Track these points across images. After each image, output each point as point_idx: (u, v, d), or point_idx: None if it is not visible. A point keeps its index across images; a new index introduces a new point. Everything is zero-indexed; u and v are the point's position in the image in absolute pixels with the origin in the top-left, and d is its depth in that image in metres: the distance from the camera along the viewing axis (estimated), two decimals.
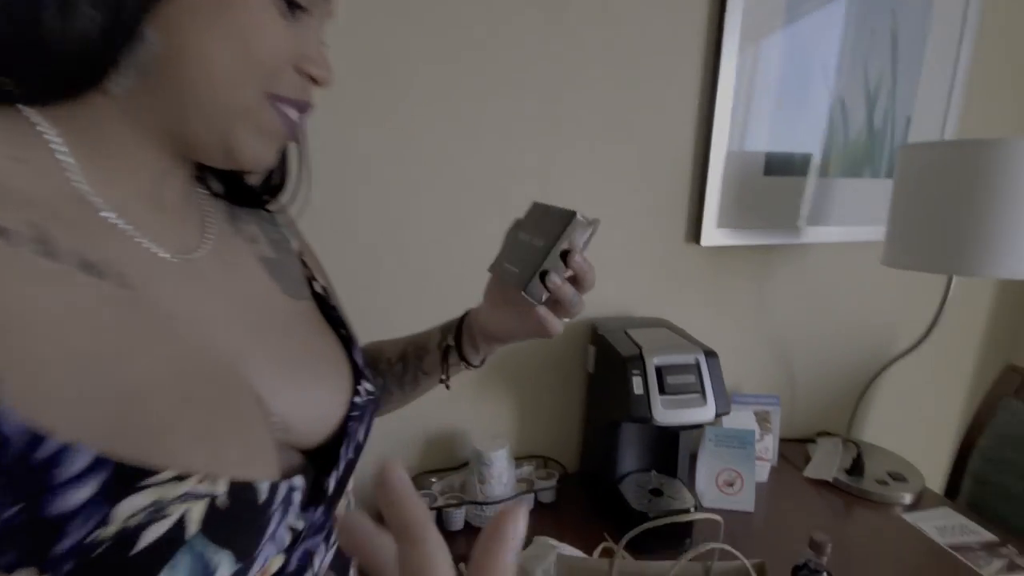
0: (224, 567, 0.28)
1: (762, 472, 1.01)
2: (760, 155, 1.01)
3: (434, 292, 0.91)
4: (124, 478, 0.26)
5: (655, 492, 0.87)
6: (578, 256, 0.42)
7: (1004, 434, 1.02)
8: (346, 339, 0.46)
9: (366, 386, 0.44)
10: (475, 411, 0.98)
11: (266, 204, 0.46)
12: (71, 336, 0.26)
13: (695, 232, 1.01)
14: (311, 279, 0.48)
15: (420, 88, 0.83)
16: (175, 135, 0.33)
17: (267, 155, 0.36)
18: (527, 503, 0.89)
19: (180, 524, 0.27)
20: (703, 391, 0.79)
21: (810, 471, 1.05)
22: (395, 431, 0.94)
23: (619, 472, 0.90)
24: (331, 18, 0.37)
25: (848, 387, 1.23)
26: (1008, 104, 1.20)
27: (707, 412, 0.78)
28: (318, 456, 0.39)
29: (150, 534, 0.26)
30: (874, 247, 1.14)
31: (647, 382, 0.78)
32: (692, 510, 0.83)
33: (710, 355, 0.82)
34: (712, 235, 1.00)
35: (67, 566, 0.24)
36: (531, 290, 0.41)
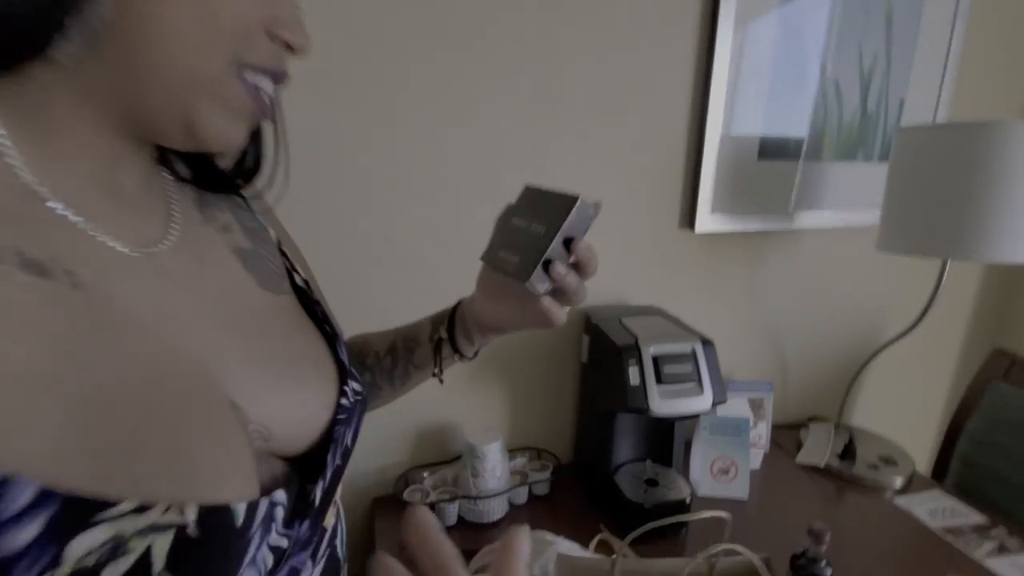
0: None
1: (756, 459, 1.01)
2: (754, 139, 0.99)
3: (423, 281, 0.88)
4: (75, 513, 0.22)
5: (650, 482, 0.86)
6: (582, 243, 0.40)
7: (992, 417, 1.02)
8: (330, 336, 0.43)
9: (353, 386, 0.41)
10: (467, 403, 0.96)
11: (240, 189, 0.41)
12: (7, 347, 0.23)
13: (689, 218, 0.99)
14: (291, 271, 0.45)
15: (408, 69, 0.79)
16: (131, 112, 0.29)
17: (235, 134, 0.32)
18: (527, 529, 0.86)
19: (145, 560, 0.24)
20: (700, 380, 0.78)
21: (802, 457, 1.05)
22: (385, 425, 0.91)
23: (614, 463, 0.89)
24: None
25: (839, 372, 1.23)
26: (999, 86, 1.19)
27: (704, 402, 0.77)
28: (303, 463, 0.36)
29: (109, 574, 0.23)
30: (867, 232, 1.14)
31: (643, 372, 0.76)
32: (688, 500, 0.83)
33: (706, 343, 0.80)
34: (706, 221, 0.98)
35: None
36: (535, 281, 0.39)
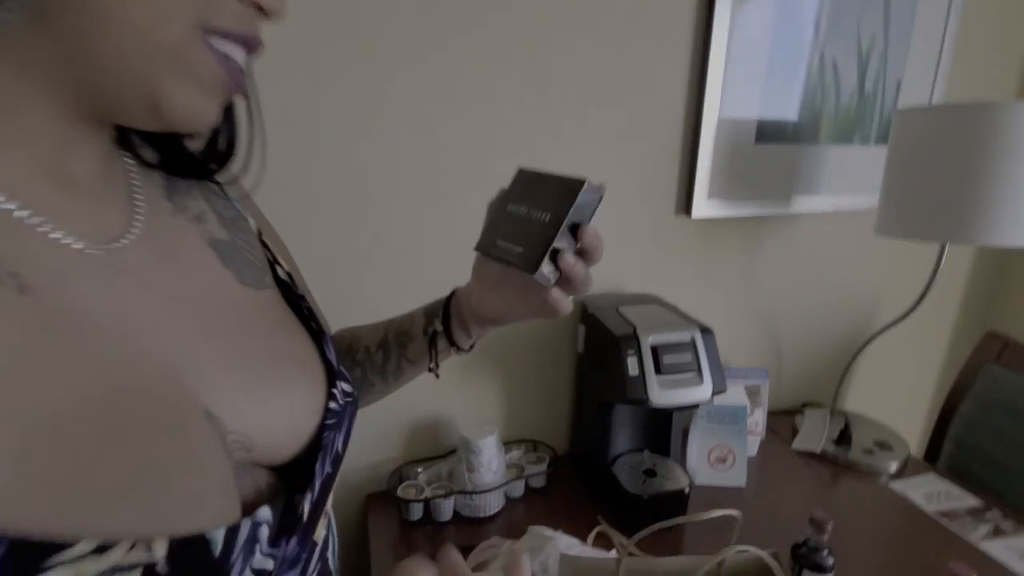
0: None
1: (752, 446, 1.01)
2: (751, 122, 0.96)
3: (413, 271, 0.85)
4: (24, 558, 0.20)
5: (648, 473, 0.85)
6: (589, 229, 0.37)
7: (986, 400, 1.03)
8: (316, 333, 0.40)
9: (343, 387, 0.38)
10: (460, 396, 0.94)
11: (213, 175, 0.38)
12: None
13: (686, 204, 0.97)
14: (273, 263, 0.41)
15: (397, 52, 0.75)
16: (83, 88, 0.25)
17: (205, 110, 0.28)
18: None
19: None
20: (699, 370, 0.76)
21: (798, 443, 1.05)
22: (377, 420, 0.89)
23: (611, 454, 0.88)
24: None
25: (834, 357, 1.23)
26: (994, 67, 1.18)
27: (704, 391, 0.76)
28: (290, 471, 0.33)
29: None
30: (863, 216, 1.13)
31: (642, 362, 0.75)
32: (687, 490, 0.82)
33: (706, 332, 0.79)
34: (703, 207, 0.96)
35: None
36: (543, 272, 0.37)
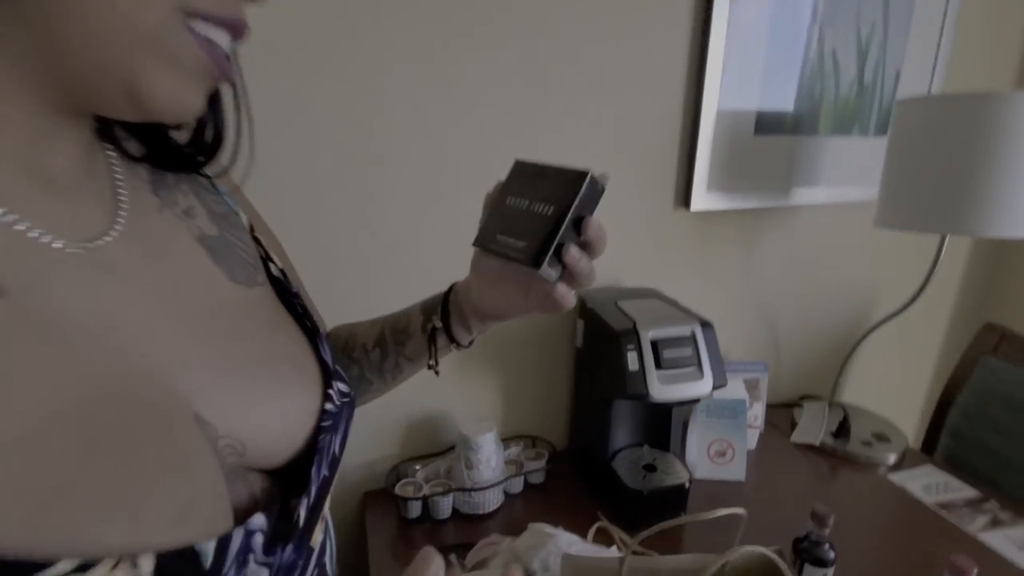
0: None
1: (751, 439, 1.00)
2: (751, 113, 0.95)
3: (408, 267, 0.83)
4: None
5: (648, 468, 0.84)
6: (593, 222, 0.36)
7: (983, 391, 1.03)
8: (311, 332, 0.39)
9: (339, 387, 0.37)
10: (458, 392, 0.93)
11: (202, 167, 0.36)
12: None
13: (684, 197, 0.96)
14: (266, 260, 0.40)
15: (390, 43, 0.73)
16: (58, 77, 0.24)
17: (189, 98, 0.27)
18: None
19: None
20: (700, 364, 0.76)
21: (797, 436, 1.04)
22: (374, 417, 0.88)
23: (611, 449, 0.87)
24: None
25: (832, 350, 1.23)
26: (992, 57, 1.18)
27: (704, 386, 0.75)
28: (285, 474, 0.32)
29: None
30: (861, 208, 1.12)
31: (642, 357, 0.74)
32: (687, 485, 0.81)
33: (706, 326, 0.78)
34: (702, 199, 0.95)
35: None
36: (549, 267, 0.36)
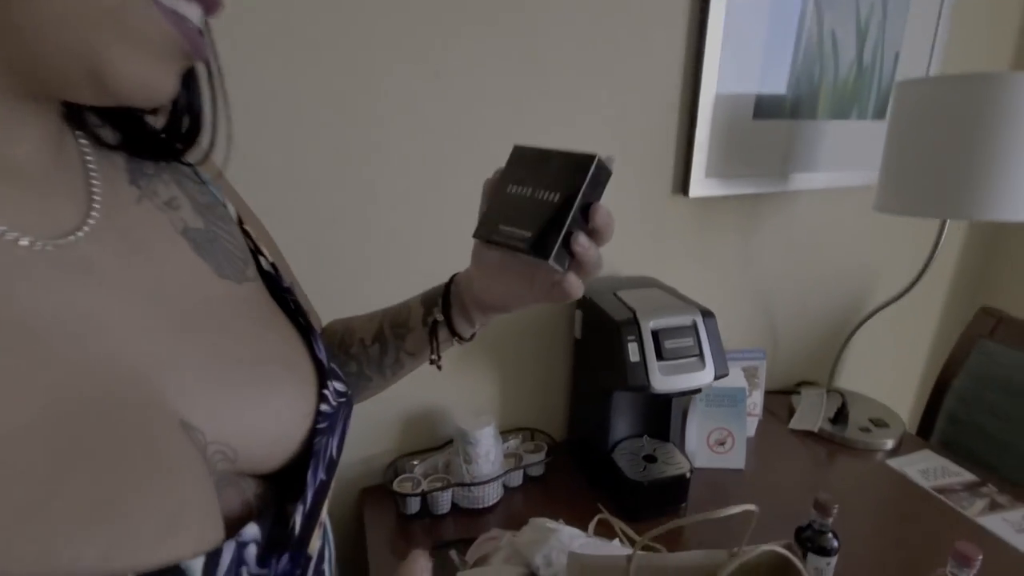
0: None
1: (750, 427, 1.00)
2: (750, 97, 0.93)
3: (403, 258, 0.81)
4: None
5: (648, 458, 0.83)
6: (601, 208, 0.35)
7: (980, 375, 1.03)
8: (305, 329, 0.37)
9: (335, 387, 0.35)
10: (455, 385, 0.91)
11: (182, 155, 0.34)
12: None
13: (683, 183, 0.94)
14: (256, 253, 0.38)
15: (376, 28, 0.70)
16: (14, 60, 0.22)
17: (158, 79, 0.24)
18: None
19: None
20: (701, 354, 0.75)
21: (796, 423, 1.04)
22: (370, 413, 0.86)
23: (611, 440, 0.86)
24: None
25: (829, 336, 1.23)
26: (989, 38, 1.16)
27: (706, 376, 0.74)
28: (281, 478, 0.31)
29: None
30: (859, 192, 1.11)
31: (643, 348, 0.73)
32: (688, 475, 0.81)
33: (707, 315, 0.77)
34: (700, 186, 0.94)
35: None
36: (558, 257, 0.34)
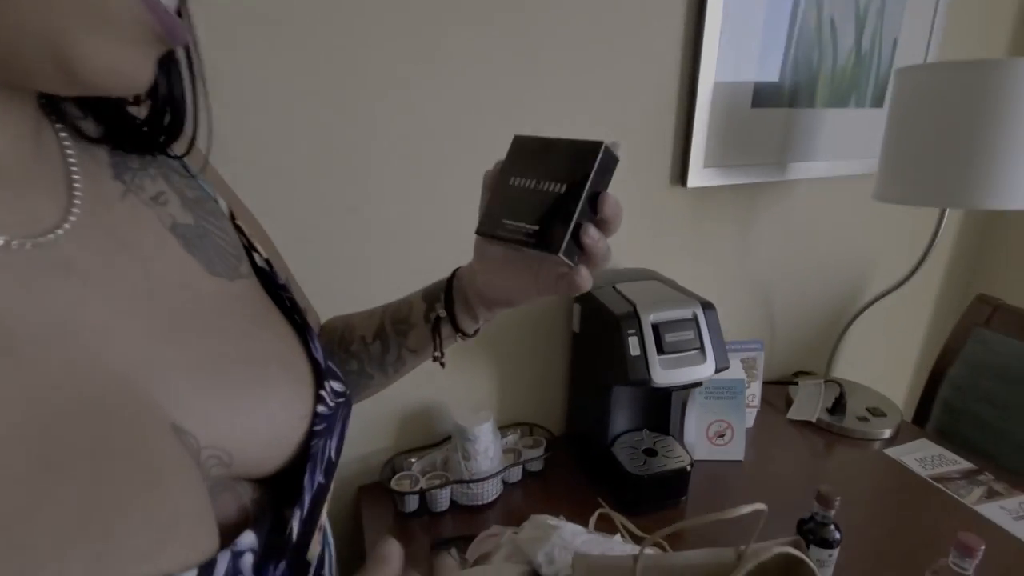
0: None
1: (749, 418, 1.00)
2: (748, 85, 0.92)
3: (399, 252, 0.79)
4: None
5: (648, 452, 0.83)
6: (610, 197, 0.33)
7: (976, 363, 1.03)
8: (301, 327, 0.35)
9: (333, 387, 0.34)
10: (451, 381, 0.90)
11: (167, 147, 0.32)
12: None
13: (681, 173, 0.93)
14: (249, 249, 0.36)
15: (366, 14, 0.68)
16: None
17: (131, 65, 0.22)
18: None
19: None
20: (702, 347, 0.74)
21: (794, 413, 1.04)
22: (366, 410, 0.84)
23: (610, 434, 0.85)
24: None
25: (826, 325, 1.23)
26: (985, 24, 1.15)
27: (707, 369, 0.73)
28: (278, 481, 0.30)
29: None
30: (856, 181, 1.10)
31: (644, 342, 0.71)
32: (689, 468, 0.80)
33: (707, 307, 0.76)
34: (698, 176, 0.92)
35: None
36: (568, 251, 0.33)
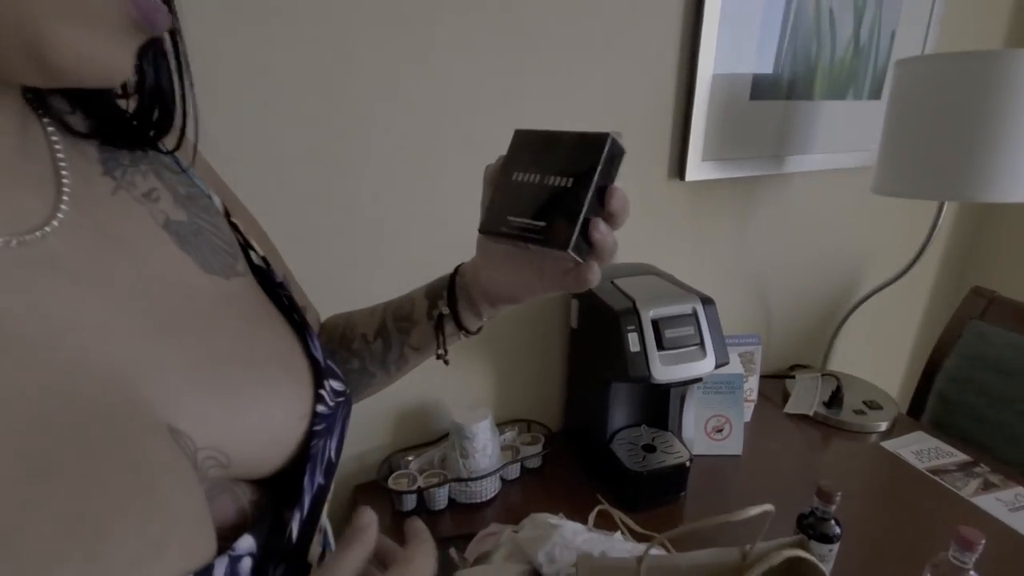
0: None
1: (747, 412, 1.00)
2: (747, 77, 0.91)
3: (395, 248, 0.78)
4: None
5: (647, 448, 0.82)
6: (617, 191, 0.33)
7: (971, 355, 1.04)
8: (300, 326, 0.35)
9: (333, 386, 0.33)
10: (448, 378, 0.89)
11: (157, 142, 0.31)
12: None
13: (679, 167, 0.92)
14: (246, 247, 0.35)
15: (366, 5, 0.66)
16: None
17: (107, 54, 0.21)
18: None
19: None
20: (702, 343, 0.73)
21: (791, 407, 1.04)
22: (363, 408, 0.82)
23: (609, 431, 0.85)
24: None
25: (823, 319, 1.23)
26: (982, 15, 1.15)
27: (707, 364, 0.73)
28: (277, 482, 0.29)
29: None
30: (854, 174, 1.10)
31: (643, 338, 0.71)
32: (688, 463, 0.80)
33: (707, 303, 0.75)
34: (696, 169, 0.92)
35: None
36: (577, 247, 0.32)
